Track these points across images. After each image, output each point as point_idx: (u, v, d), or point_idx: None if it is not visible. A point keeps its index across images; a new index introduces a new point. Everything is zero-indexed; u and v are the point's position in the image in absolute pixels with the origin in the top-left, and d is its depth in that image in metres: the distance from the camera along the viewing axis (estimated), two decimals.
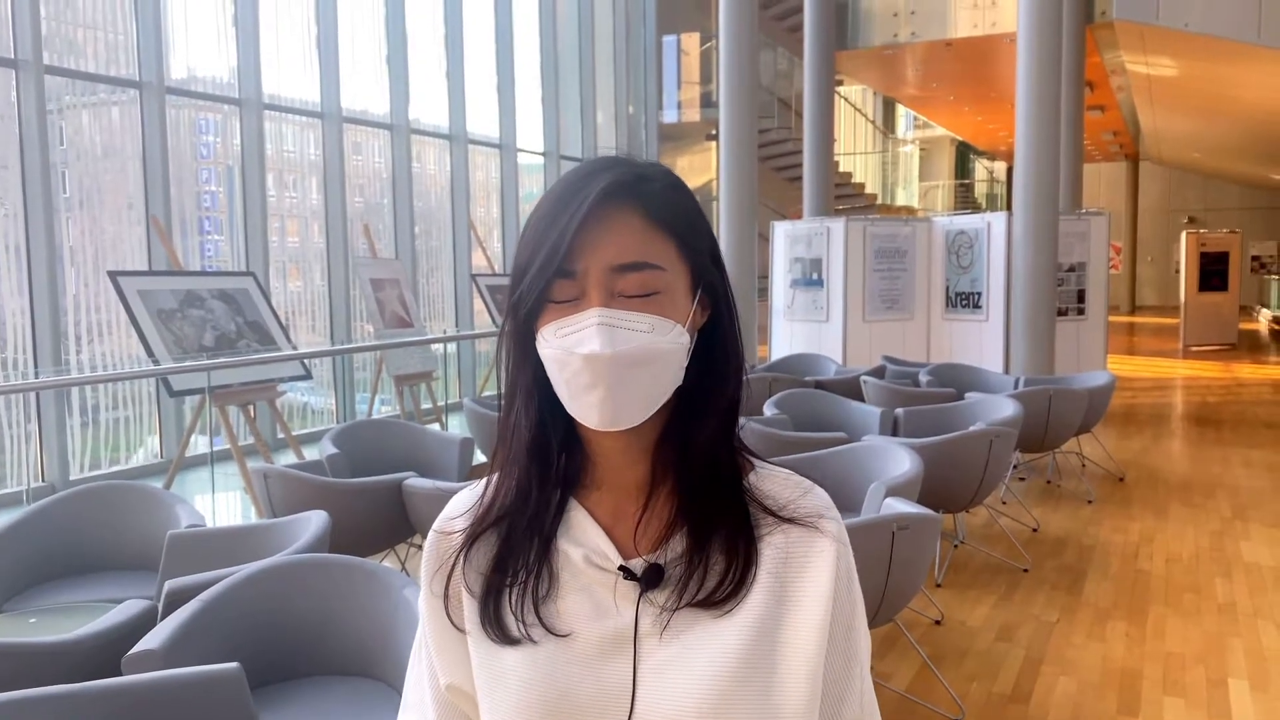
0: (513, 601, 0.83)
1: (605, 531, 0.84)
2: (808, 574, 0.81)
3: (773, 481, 0.86)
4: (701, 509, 0.83)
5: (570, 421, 0.83)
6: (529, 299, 0.80)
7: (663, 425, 0.84)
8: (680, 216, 0.83)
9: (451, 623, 0.86)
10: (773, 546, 0.82)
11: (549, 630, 0.81)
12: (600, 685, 0.79)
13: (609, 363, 0.77)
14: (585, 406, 0.79)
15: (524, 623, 0.82)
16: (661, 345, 0.79)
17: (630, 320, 0.78)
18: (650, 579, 0.81)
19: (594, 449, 0.85)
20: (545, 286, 0.79)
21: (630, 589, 0.82)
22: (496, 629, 0.83)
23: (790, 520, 0.83)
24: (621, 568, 0.82)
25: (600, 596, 0.82)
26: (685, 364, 0.82)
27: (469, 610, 0.85)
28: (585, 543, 0.84)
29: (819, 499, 0.85)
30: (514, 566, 0.84)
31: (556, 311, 0.80)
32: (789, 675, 0.78)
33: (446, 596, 0.86)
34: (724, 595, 0.80)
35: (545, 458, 0.85)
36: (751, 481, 0.86)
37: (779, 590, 0.81)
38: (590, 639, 0.81)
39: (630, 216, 0.80)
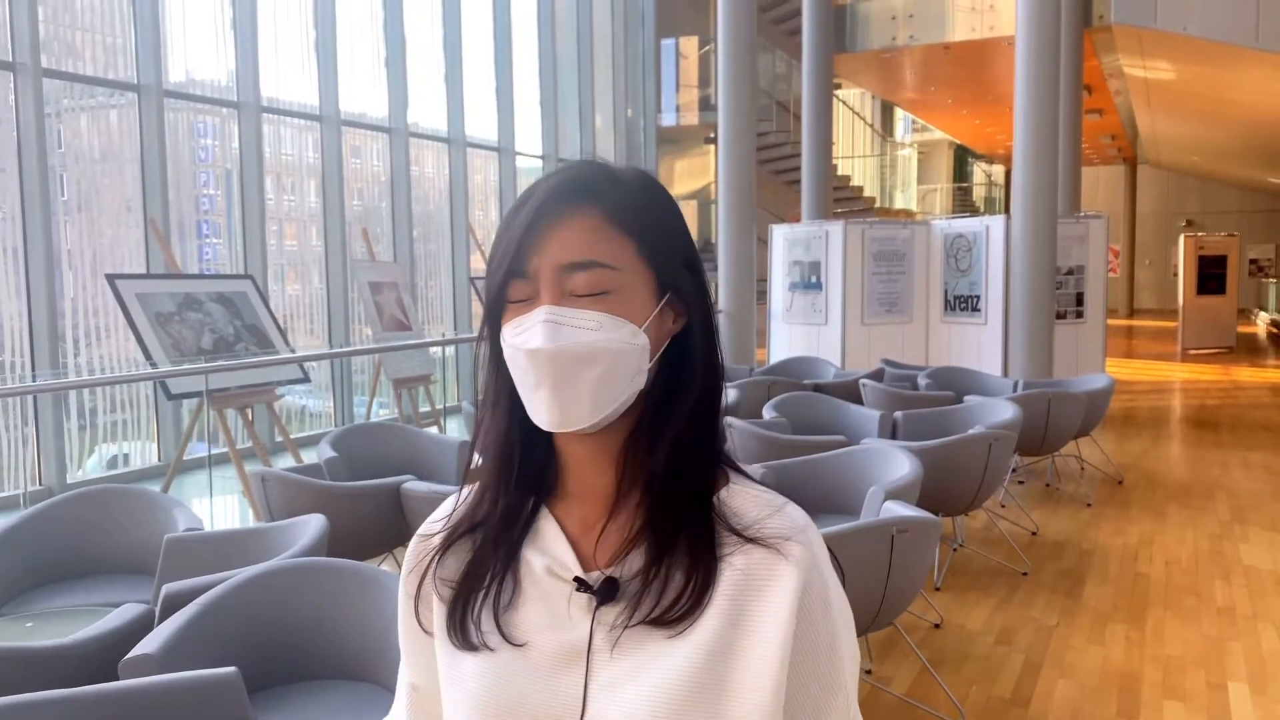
0: (475, 608, 0.83)
1: (571, 541, 0.83)
2: (766, 599, 0.77)
3: (744, 498, 0.82)
4: (664, 523, 0.80)
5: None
6: (489, 300, 0.82)
7: (628, 433, 0.82)
8: (643, 217, 0.81)
9: (420, 624, 0.87)
10: (733, 567, 0.78)
11: (506, 639, 0.81)
12: (552, 697, 0.78)
13: (550, 359, 0.77)
14: (535, 405, 0.79)
15: (483, 630, 0.82)
16: (608, 344, 0.77)
17: (576, 318, 0.77)
18: (605, 593, 0.79)
19: (564, 456, 0.84)
20: (503, 287, 0.80)
21: (587, 602, 0.80)
22: (459, 635, 0.83)
23: (754, 540, 0.78)
24: (577, 579, 0.80)
25: (558, 607, 0.81)
26: (645, 368, 0.80)
27: (437, 614, 0.85)
28: (549, 552, 0.83)
29: (788, 519, 0.80)
30: (481, 573, 0.84)
31: (514, 311, 0.80)
32: (739, 703, 0.75)
33: (418, 598, 0.87)
34: (677, 615, 0.77)
35: (513, 464, 0.84)
36: (722, 497, 0.82)
37: (735, 614, 0.77)
38: (545, 650, 0.80)
39: (585, 216, 0.79)
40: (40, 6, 6.13)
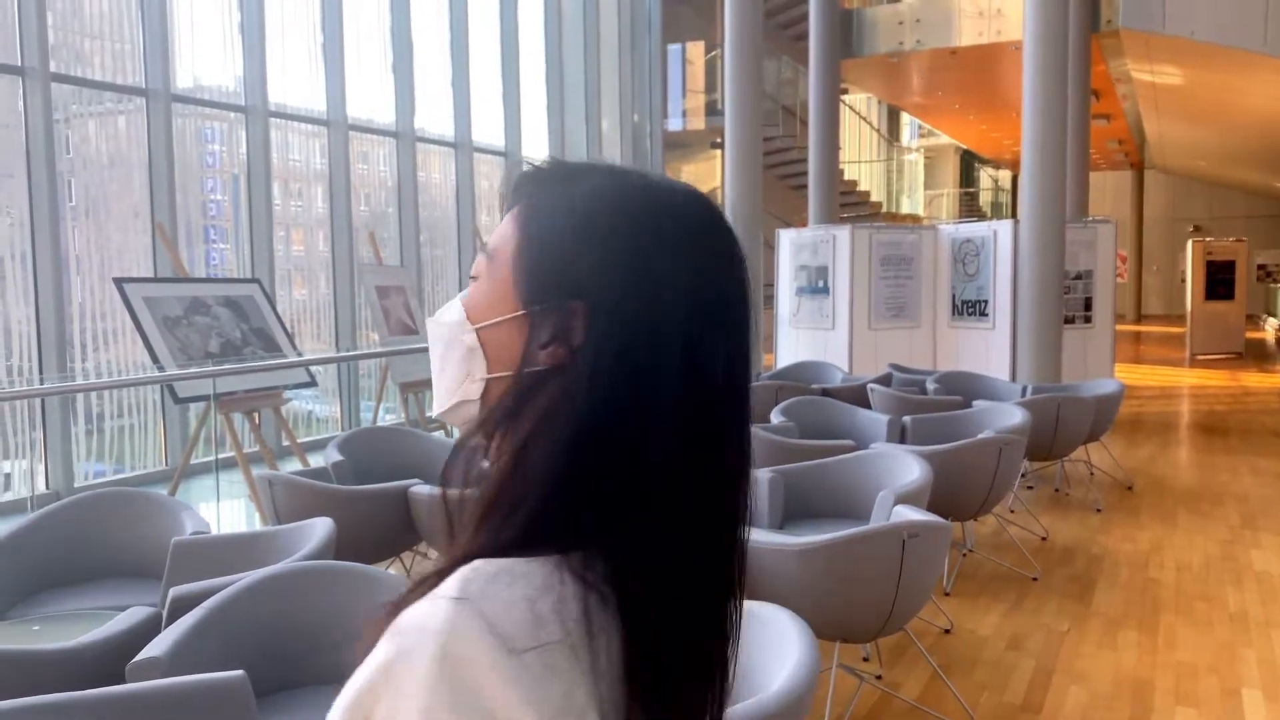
0: None
1: None
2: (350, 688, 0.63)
3: (461, 573, 0.63)
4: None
5: None
6: None
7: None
8: (539, 225, 0.71)
9: None
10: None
11: None
12: None
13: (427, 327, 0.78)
14: None
15: None
16: (442, 329, 0.74)
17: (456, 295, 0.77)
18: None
19: None
20: None
21: None
22: None
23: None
24: None
25: None
26: (479, 375, 0.71)
27: None
28: None
29: (417, 614, 0.61)
30: None
31: None
32: None
33: None
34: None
35: None
36: (474, 565, 0.63)
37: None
38: None
39: (520, 209, 0.77)
40: (49, 12, 6.15)
